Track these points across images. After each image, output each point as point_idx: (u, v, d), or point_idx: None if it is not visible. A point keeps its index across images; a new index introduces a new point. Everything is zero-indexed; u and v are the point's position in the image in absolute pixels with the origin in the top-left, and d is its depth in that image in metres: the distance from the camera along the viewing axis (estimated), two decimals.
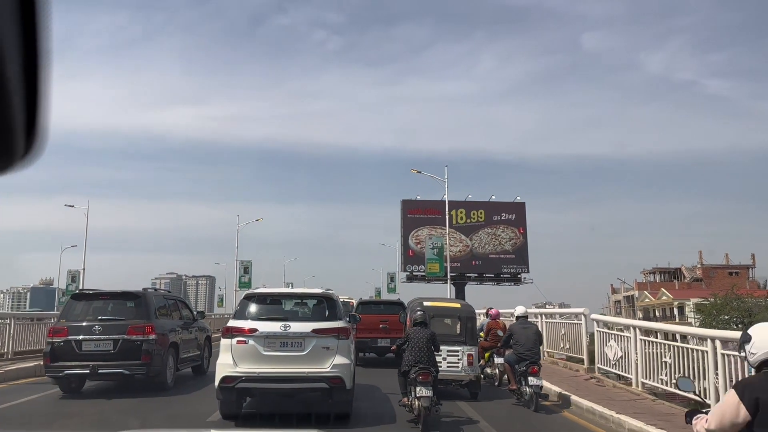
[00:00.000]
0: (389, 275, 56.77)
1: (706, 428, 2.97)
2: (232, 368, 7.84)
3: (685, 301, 52.98)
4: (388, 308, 16.49)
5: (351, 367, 8.22)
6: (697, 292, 56.16)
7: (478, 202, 48.49)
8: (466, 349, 10.00)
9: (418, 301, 10.78)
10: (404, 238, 46.95)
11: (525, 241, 48.62)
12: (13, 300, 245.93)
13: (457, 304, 11.03)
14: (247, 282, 38.88)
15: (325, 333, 7.99)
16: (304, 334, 7.97)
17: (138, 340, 10.00)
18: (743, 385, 2.94)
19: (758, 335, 3.01)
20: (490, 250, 47.62)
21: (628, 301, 70.47)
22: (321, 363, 7.89)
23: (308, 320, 8.37)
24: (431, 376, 7.77)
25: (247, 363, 7.86)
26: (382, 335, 14.87)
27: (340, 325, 8.17)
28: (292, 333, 7.97)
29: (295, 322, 8.15)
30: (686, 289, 62.16)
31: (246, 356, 7.88)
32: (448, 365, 9.70)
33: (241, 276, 39.07)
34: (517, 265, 47.72)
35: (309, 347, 7.93)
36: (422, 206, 47.66)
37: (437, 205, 48.52)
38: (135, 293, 10.83)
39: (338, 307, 8.60)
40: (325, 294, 8.71)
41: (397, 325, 13.70)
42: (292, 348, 7.97)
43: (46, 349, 10.21)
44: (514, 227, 49.05)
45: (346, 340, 8.16)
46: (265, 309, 8.42)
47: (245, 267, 39.14)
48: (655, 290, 63.92)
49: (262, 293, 8.79)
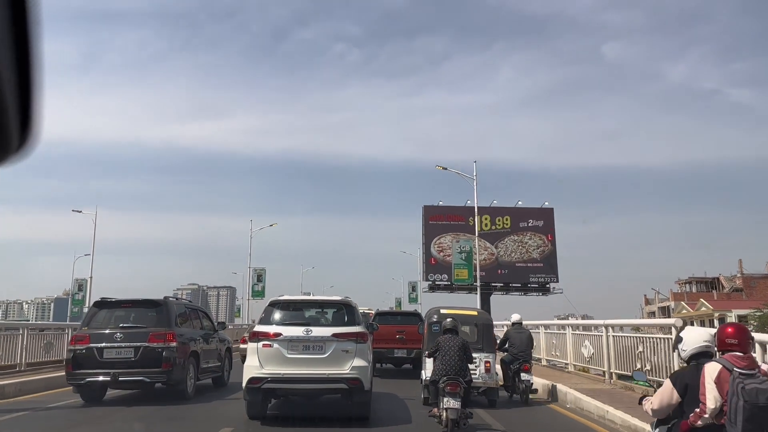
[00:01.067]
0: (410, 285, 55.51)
1: (651, 408, 4.04)
2: (258, 370, 8.46)
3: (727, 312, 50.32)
4: (405, 319, 16.87)
5: (369, 369, 8.85)
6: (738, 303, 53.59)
7: (504, 207, 46.83)
8: (484, 357, 10.26)
9: (435, 309, 11.10)
10: (426, 246, 45.60)
11: (553, 248, 46.77)
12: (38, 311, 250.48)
13: (474, 311, 11.23)
14: (260, 291, 37.76)
15: (345, 337, 8.63)
16: (324, 338, 8.60)
17: (159, 347, 10.12)
18: (676, 375, 4.04)
19: (687, 337, 4.07)
20: (517, 259, 45.87)
21: (663, 312, 67.75)
22: (340, 365, 8.52)
23: (329, 325, 9.03)
24: (460, 387, 7.83)
25: (272, 365, 8.49)
26: (399, 346, 15.23)
27: (358, 330, 8.81)
28: (313, 337, 8.58)
29: (316, 327, 8.78)
30: (725, 299, 59.30)
31: (271, 359, 8.51)
32: None
33: (254, 284, 37.86)
34: (546, 274, 46.40)
35: (329, 350, 8.56)
36: (444, 212, 46.50)
37: (460, 210, 46.87)
38: (156, 301, 10.95)
39: (356, 314, 9.23)
40: (344, 301, 9.35)
41: (413, 335, 14.34)
42: (314, 351, 8.59)
43: (68, 356, 10.46)
44: (542, 234, 47.15)
45: (364, 344, 8.75)
46: (288, 315, 9.07)
47: (258, 275, 37.99)
48: (692, 301, 61.26)
49: (286, 300, 9.39)
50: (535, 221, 48.50)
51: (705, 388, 3.74)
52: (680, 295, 67.38)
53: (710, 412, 3.71)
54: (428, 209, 47.02)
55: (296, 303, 9.57)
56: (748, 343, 3.85)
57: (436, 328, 10.38)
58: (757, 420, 3.52)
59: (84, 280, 34.00)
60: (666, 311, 66.89)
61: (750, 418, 3.51)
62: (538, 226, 49.04)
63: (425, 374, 10.25)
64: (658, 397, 4.03)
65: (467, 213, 48.29)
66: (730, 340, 3.85)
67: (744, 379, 3.60)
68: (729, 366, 3.68)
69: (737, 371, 3.64)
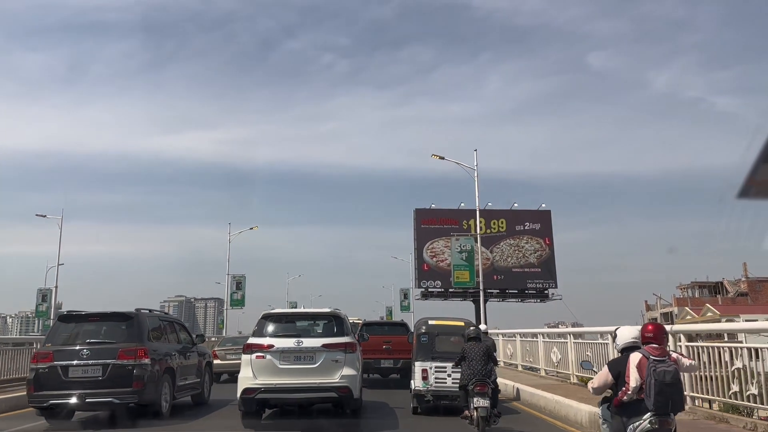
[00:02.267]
0: (402, 292, 54.02)
1: (592, 387, 5.42)
2: (252, 381, 9.01)
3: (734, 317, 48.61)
4: (392, 329, 17.26)
5: (358, 378, 9.45)
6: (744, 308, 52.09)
7: (500, 210, 45.47)
8: None
9: (424, 320, 11.56)
10: (418, 252, 44.19)
11: (551, 252, 45.35)
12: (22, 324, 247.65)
13: (461, 322, 11.46)
14: (240, 300, 35.90)
15: (334, 347, 9.21)
16: (315, 349, 9.19)
17: (129, 365, 9.59)
18: (611, 363, 5.39)
19: (620, 334, 5.47)
20: (513, 263, 44.42)
21: (666, 318, 66.20)
22: (331, 374, 9.07)
23: (319, 336, 9.59)
24: (488, 387, 8.38)
25: (265, 376, 9.02)
26: (386, 356, 15.59)
27: (347, 340, 9.42)
28: (304, 348, 9.17)
29: (307, 338, 9.38)
30: (730, 304, 57.82)
31: (264, 369, 9.05)
32: (452, 381, 10.22)
33: (234, 292, 35.74)
34: (544, 280, 45.54)
35: (320, 360, 9.12)
36: (437, 215, 45.21)
37: (454, 214, 45.29)
38: (126, 314, 10.31)
39: (346, 325, 9.87)
40: (333, 313, 9.98)
41: (400, 346, 15.00)
42: (305, 361, 9.16)
43: (29, 376, 9.80)
44: (539, 238, 45.60)
45: (353, 354, 9.34)
46: (280, 327, 9.62)
47: (238, 282, 36.14)
48: (696, 306, 59.84)
49: (278, 313, 10.01)
50: (532, 224, 46.92)
51: (629, 372, 4.99)
52: (683, 300, 66.09)
53: (632, 390, 4.96)
54: (420, 212, 45.45)
55: (288, 315, 10.19)
56: (662, 338, 5.10)
57: (425, 338, 10.87)
58: (664, 393, 4.81)
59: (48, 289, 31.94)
60: (669, 317, 65.41)
61: (659, 392, 4.80)
62: (535, 229, 47.45)
63: (414, 384, 10.72)
64: (597, 380, 5.38)
65: (461, 216, 46.62)
66: (649, 335, 5.11)
67: (656, 364, 4.86)
68: (647, 355, 4.96)
69: (652, 358, 4.92)
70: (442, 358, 10.59)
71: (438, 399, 10.67)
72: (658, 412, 4.83)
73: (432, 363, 10.64)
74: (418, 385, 10.65)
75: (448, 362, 10.27)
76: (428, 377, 10.59)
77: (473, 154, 29.02)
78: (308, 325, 10.10)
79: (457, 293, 45.41)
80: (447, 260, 44.90)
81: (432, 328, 10.99)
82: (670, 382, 4.81)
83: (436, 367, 10.63)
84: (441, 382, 10.57)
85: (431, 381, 10.58)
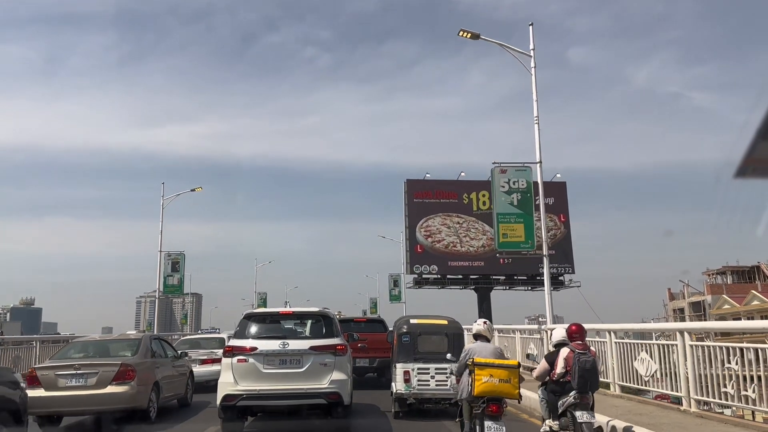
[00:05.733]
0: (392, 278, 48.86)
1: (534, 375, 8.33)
2: (233, 386, 8.87)
3: None
4: (368, 326, 17.05)
5: (348, 383, 9.41)
6: None
7: None
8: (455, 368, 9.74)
9: (405, 319, 11.75)
10: (410, 231, 39.52)
11: (567, 231, 40.50)
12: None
13: (444, 321, 11.54)
14: (177, 286, 30.09)
15: (323, 350, 9.12)
16: (302, 352, 9.07)
17: None
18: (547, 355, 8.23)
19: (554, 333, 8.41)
20: None
21: (695, 308, 60.80)
22: (319, 379, 8.96)
23: (306, 338, 9.53)
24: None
25: (248, 381, 8.91)
26: (361, 355, 15.15)
27: (336, 342, 9.33)
28: (290, 350, 9.05)
29: (293, 340, 9.26)
30: None
31: (246, 374, 8.93)
32: (436, 383, 10.64)
33: (168, 276, 29.80)
34: (559, 264, 41.40)
35: (307, 364, 9.02)
36: (433, 188, 40.33)
37: (453, 186, 40.04)
38: None
39: (335, 325, 9.78)
40: (322, 312, 9.99)
41: (376, 344, 15.15)
42: (291, 365, 9.00)
43: None
44: (553, 214, 40.67)
45: (343, 357, 9.27)
46: (264, 328, 9.53)
47: (174, 262, 30.34)
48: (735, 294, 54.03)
49: (261, 313, 10.08)
50: (546, 199, 40.50)
51: (558, 361, 7.85)
52: (717, 287, 60.37)
53: (557, 375, 7.81)
54: (412, 184, 40.50)
55: (272, 315, 10.10)
56: (583, 335, 7.96)
57: (406, 339, 10.93)
58: (584, 377, 7.47)
59: None
60: (700, 307, 60.01)
61: (581, 376, 7.48)
62: (547, 204, 41.10)
63: (396, 386, 10.83)
64: (538, 370, 8.26)
65: (461, 188, 41.17)
66: (575, 334, 7.93)
67: (580, 356, 7.58)
68: (573, 349, 7.72)
69: (577, 352, 7.65)
70: (425, 359, 10.79)
71: (421, 403, 10.79)
72: (580, 390, 7.54)
73: (414, 364, 10.77)
74: (399, 387, 10.75)
75: (431, 363, 10.65)
76: (410, 379, 10.69)
77: (528, 30, 17.80)
78: (294, 326, 10.08)
79: (456, 281, 39.81)
80: (444, 240, 39.67)
81: (414, 327, 11.13)
82: (589, 368, 7.55)
83: (419, 369, 10.74)
84: (424, 384, 10.70)
85: (414, 383, 10.69)
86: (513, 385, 7.13)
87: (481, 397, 7.11)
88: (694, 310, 60.82)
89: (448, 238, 39.65)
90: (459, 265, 39.48)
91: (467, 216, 40.38)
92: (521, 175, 18.78)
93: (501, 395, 7.12)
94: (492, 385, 7.04)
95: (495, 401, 7.11)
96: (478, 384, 7.06)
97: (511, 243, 18.84)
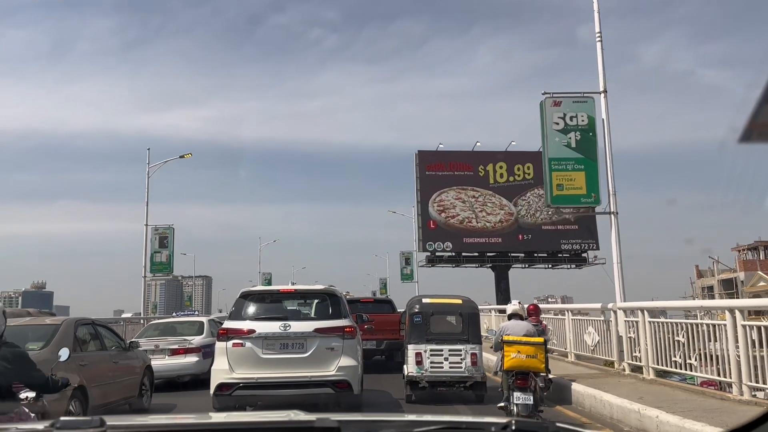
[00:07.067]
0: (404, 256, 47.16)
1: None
2: (227, 374, 8.27)
3: None
4: (375, 307, 16.52)
5: (359, 370, 8.81)
6: None
7: (525, 152, 38.79)
8: (470, 348, 10.50)
9: (417, 298, 11.56)
10: (422, 205, 37.65)
11: None
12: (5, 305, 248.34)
13: (459, 300, 11.27)
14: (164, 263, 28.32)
15: (329, 332, 8.49)
16: (305, 334, 8.44)
17: None
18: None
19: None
20: (544, 219, 37.79)
21: (726, 285, 58.39)
22: (325, 365, 8.35)
23: (310, 319, 8.95)
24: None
25: (245, 368, 8.31)
26: (368, 337, 13.94)
27: (345, 323, 8.72)
28: (292, 333, 8.42)
29: (296, 322, 8.68)
30: None
31: (243, 360, 8.34)
32: (450, 365, 10.47)
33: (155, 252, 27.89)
34: (582, 240, 39.75)
35: (312, 348, 8.39)
36: (446, 159, 38.57)
37: (469, 157, 38.16)
38: None
39: (343, 304, 9.18)
40: (327, 290, 9.30)
41: (384, 325, 14.51)
42: (293, 350, 8.39)
43: None
44: None
45: (352, 340, 8.68)
46: (263, 308, 8.93)
47: (162, 237, 28.42)
48: None
49: (260, 291, 9.56)
50: None
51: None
52: (751, 263, 57.96)
53: None
54: (424, 155, 38.51)
55: (272, 294, 9.47)
56: (539, 313, 10.66)
57: (418, 319, 10.76)
58: None
59: None
60: (731, 284, 57.62)
61: None
62: None
63: (407, 369, 10.60)
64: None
65: (477, 159, 39.14)
66: (532, 312, 10.18)
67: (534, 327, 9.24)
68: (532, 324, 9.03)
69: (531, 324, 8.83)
70: (438, 340, 10.54)
71: (434, 386, 10.51)
72: None
73: (427, 346, 10.47)
74: (411, 370, 10.43)
75: (444, 345, 10.48)
76: (423, 361, 10.39)
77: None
78: (297, 306, 9.58)
79: (472, 259, 37.83)
80: (459, 216, 37.80)
81: (426, 307, 10.80)
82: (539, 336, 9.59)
83: (431, 351, 10.44)
84: (437, 366, 10.41)
85: (426, 366, 10.38)
86: (539, 360, 8.10)
87: (511, 370, 8.09)
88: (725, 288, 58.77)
89: (462, 213, 38.09)
90: (475, 241, 38.28)
91: (483, 189, 38.68)
92: (581, 109, 15.08)
93: (528, 369, 8.01)
94: (519, 361, 7.98)
95: (522, 375, 8.03)
96: (507, 359, 8.06)
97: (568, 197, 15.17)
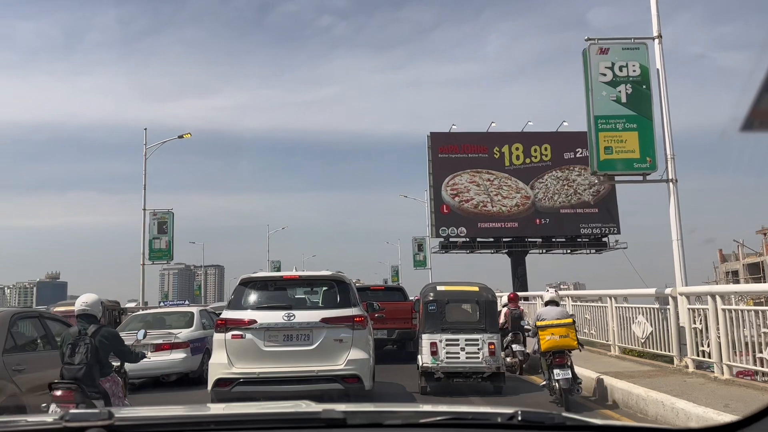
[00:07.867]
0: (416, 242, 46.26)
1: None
2: (226, 369, 7.88)
3: None
4: (386, 295, 16.15)
5: (370, 363, 8.39)
6: None
7: (542, 133, 37.93)
8: (487, 338, 10.35)
9: (432, 286, 11.40)
10: (435, 189, 36.70)
11: (612, 187, 35.74)
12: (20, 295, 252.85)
13: (475, 287, 11.04)
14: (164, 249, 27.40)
15: (337, 322, 8.11)
16: (311, 325, 8.06)
17: None
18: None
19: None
20: (562, 203, 36.60)
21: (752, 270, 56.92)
22: (333, 359, 7.96)
23: (316, 308, 8.66)
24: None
25: (245, 362, 7.95)
26: (379, 326, 13.54)
27: (354, 312, 8.31)
28: (297, 323, 8.03)
29: (300, 311, 8.29)
30: None
31: (243, 353, 7.94)
32: (467, 356, 10.24)
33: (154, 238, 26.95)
34: (603, 224, 39.50)
35: (318, 340, 8.01)
36: (460, 141, 37.77)
37: (483, 139, 37.10)
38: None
39: (352, 292, 8.76)
40: (335, 276, 8.82)
41: (395, 314, 14.16)
42: (298, 341, 8.01)
43: None
44: None
45: (362, 331, 8.29)
46: (265, 296, 8.52)
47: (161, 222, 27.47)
48: None
49: (261, 278, 8.90)
50: (586, 150, 36.66)
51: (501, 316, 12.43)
52: None
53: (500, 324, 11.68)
54: (437, 137, 37.50)
55: (275, 281, 8.92)
56: (517, 300, 13.32)
57: (432, 307, 10.52)
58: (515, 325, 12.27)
59: None
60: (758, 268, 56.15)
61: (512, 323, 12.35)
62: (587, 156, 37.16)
63: (422, 360, 10.33)
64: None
65: (492, 141, 38.09)
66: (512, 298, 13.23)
67: (512, 312, 12.61)
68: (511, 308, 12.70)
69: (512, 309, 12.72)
70: (454, 329, 10.31)
71: (450, 377, 10.25)
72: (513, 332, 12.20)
73: (442, 335, 10.22)
74: (426, 361, 10.17)
75: (460, 334, 10.24)
76: (438, 352, 10.13)
77: None
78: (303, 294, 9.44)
79: (488, 244, 36.75)
80: (473, 200, 36.73)
81: (441, 295, 10.55)
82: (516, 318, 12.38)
83: (447, 340, 10.19)
84: (453, 357, 10.16)
85: (441, 356, 10.14)
86: (572, 338, 8.83)
87: (548, 351, 8.85)
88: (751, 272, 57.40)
89: (477, 197, 37.10)
90: (490, 226, 37.37)
91: (499, 172, 37.62)
92: (633, 57, 13.09)
93: (563, 348, 8.79)
94: (554, 342, 8.74)
95: (559, 353, 8.80)
96: (543, 342, 8.83)
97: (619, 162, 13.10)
